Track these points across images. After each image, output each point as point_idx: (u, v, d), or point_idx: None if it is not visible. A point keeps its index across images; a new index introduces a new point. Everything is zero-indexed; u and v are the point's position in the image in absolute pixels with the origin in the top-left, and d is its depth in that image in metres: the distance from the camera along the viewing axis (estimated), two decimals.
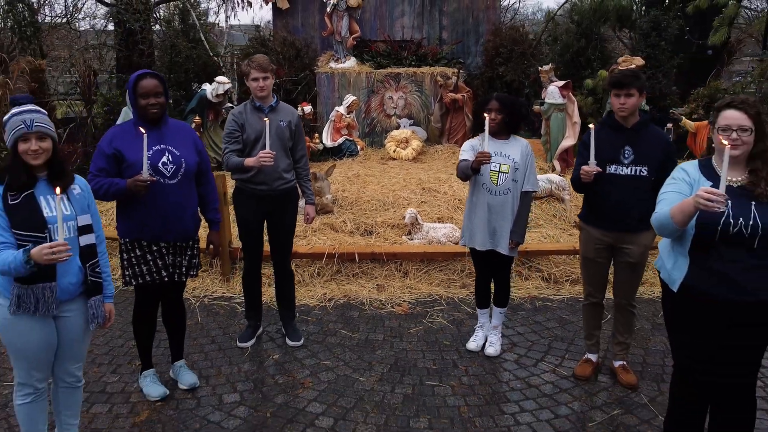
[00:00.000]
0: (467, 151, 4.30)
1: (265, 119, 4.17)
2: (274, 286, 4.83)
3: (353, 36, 10.60)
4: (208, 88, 7.95)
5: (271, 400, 3.93)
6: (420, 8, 11.31)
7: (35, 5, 9.58)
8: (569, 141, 8.05)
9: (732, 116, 2.85)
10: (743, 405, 2.97)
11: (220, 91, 7.90)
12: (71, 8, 10.61)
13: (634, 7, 9.70)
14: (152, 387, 3.93)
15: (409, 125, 10.35)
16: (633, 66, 8.16)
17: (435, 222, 6.52)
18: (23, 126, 2.81)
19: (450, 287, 5.76)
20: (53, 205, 2.87)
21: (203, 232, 4.06)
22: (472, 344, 4.60)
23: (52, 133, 2.90)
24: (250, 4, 13.28)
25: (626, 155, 3.87)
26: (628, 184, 3.84)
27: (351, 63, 10.58)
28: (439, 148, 9.95)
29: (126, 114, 7.34)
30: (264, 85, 4.29)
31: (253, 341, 4.68)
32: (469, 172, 4.16)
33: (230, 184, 4.87)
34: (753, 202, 2.82)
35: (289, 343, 4.66)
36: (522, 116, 4.37)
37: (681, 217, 2.80)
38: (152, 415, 3.75)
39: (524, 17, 22.92)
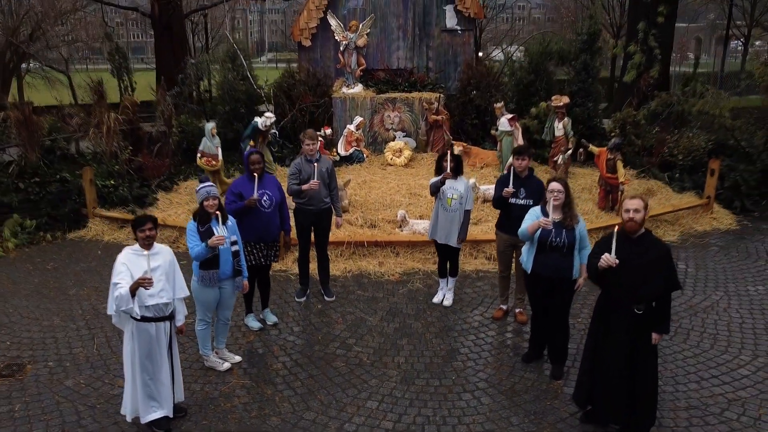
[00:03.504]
0: (432, 180, 6.80)
1: (315, 164, 6.68)
2: (317, 264, 7.36)
3: (360, 68, 12.96)
4: (258, 120, 10.40)
5: (319, 330, 6.53)
6: (411, 43, 13.64)
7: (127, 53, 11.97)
8: None
9: (555, 185, 5.36)
10: (561, 326, 5.55)
11: (268, 123, 10.37)
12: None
13: (572, 50, 12.01)
14: (253, 322, 6.54)
15: (403, 137, 12.79)
16: (561, 103, 10.62)
17: (418, 219, 9.05)
18: (206, 193, 5.33)
19: (426, 264, 8.29)
20: (219, 229, 5.39)
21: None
22: (435, 299, 7.20)
23: (218, 195, 5.40)
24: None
25: (521, 194, 6.37)
26: (521, 210, 6.31)
27: (358, 88, 12.95)
28: (424, 156, 12.42)
29: (204, 143, 9.84)
30: (312, 148, 6.77)
31: (305, 298, 7.26)
32: (439, 184, 6.64)
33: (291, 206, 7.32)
34: (564, 229, 5.36)
35: (326, 298, 7.25)
36: (462, 166, 6.85)
37: (532, 231, 5.35)
38: (255, 337, 6.35)
39: None
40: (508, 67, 12.68)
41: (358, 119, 12.19)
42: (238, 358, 5.89)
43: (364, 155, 12.20)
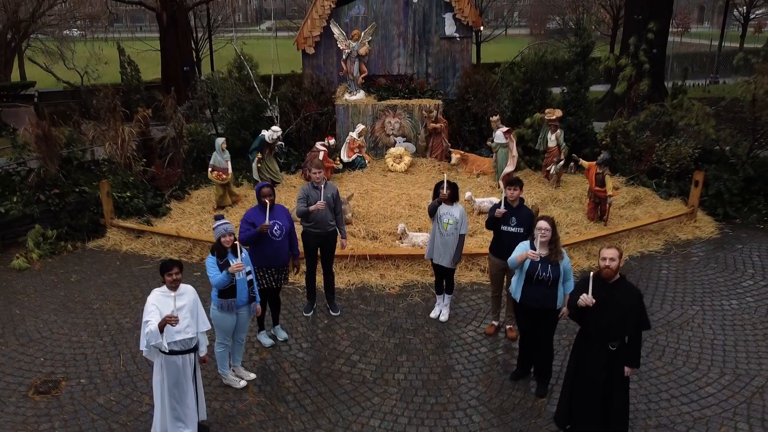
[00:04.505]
0: (430, 203, 7.25)
1: (322, 185, 7.12)
2: (323, 281, 7.84)
3: (362, 75, 13.28)
4: (266, 133, 10.81)
5: (326, 346, 7.04)
6: (411, 50, 13.94)
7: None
8: (510, 168, 10.99)
9: (543, 224, 5.81)
10: (546, 348, 6.06)
11: (275, 137, 10.79)
12: None
13: (567, 59, 12.35)
14: (265, 339, 7.05)
15: (403, 142, 13.18)
16: (554, 117, 11.01)
17: (417, 231, 9.50)
18: (224, 230, 5.78)
19: (424, 276, 8.76)
20: (234, 261, 5.85)
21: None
22: (432, 314, 7.70)
23: (234, 232, 5.85)
24: None
25: (512, 222, 6.81)
26: (512, 236, 6.78)
27: (360, 95, 13.28)
28: (424, 161, 12.83)
29: (215, 157, 10.25)
30: (319, 176, 7.20)
31: (312, 312, 7.76)
32: (436, 204, 7.10)
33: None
34: (550, 264, 5.82)
35: (332, 313, 7.75)
36: (457, 194, 7.27)
37: (520, 261, 5.82)
38: (267, 353, 6.87)
39: None
40: (505, 77, 13.00)
41: (360, 127, 12.56)
42: (252, 376, 6.40)
43: (366, 161, 12.60)
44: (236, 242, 5.89)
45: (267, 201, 6.59)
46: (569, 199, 10.94)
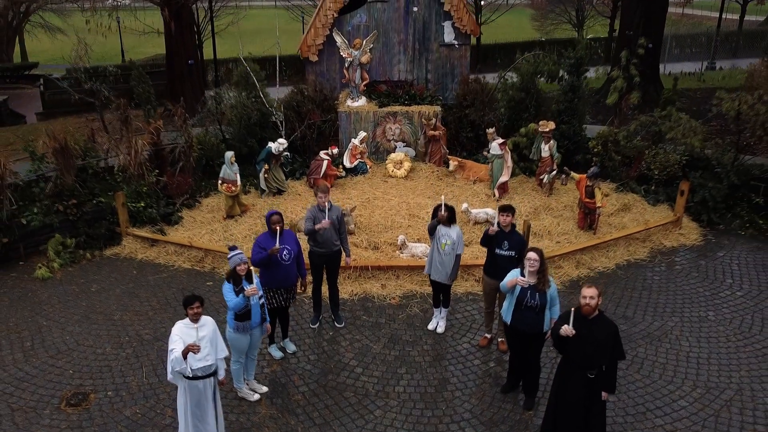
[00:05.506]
0: (429, 223, 7.70)
1: (325, 203, 7.56)
2: (328, 295, 8.31)
3: (364, 82, 13.60)
4: (272, 145, 11.22)
5: (332, 358, 7.54)
6: (411, 57, 14.25)
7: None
8: (504, 177, 11.41)
9: (532, 255, 6.26)
10: (533, 366, 6.56)
11: (281, 149, 11.20)
12: None
13: (561, 71, 12.69)
14: (275, 352, 7.56)
15: (403, 147, 13.55)
16: (548, 129, 11.39)
17: (416, 242, 9.95)
18: (239, 260, 6.23)
19: (423, 285, 9.22)
20: (248, 286, 6.30)
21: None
22: (430, 326, 8.20)
23: (247, 260, 6.31)
24: None
25: (505, 245, 7.26)
26: (505, 259, 7.23)
27: (362, 101, 13.61)
28: (423, 167, 13.21)
29: (224, 170, 10.65)
30: (324, 200, 7.63)
31: (318, 324, 8.25)
32: (435, 223, 7.55)
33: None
34: (538, 293, 6.28)
35: (336, 325, 8.24)
36: (454, 216, 7.71)
37: (510, 285, 6.29)
38: (277, 365, 7.37)
39: None
40: (501, 85, 13.34)
41: (362, 134, 12.93)
42: (264, 389, 6.92)
43: (368, 166, 12.99)
44: (250, 269, 6.36)
45: (277, 228, 7.04)
46: (561, 207, 11.36)
